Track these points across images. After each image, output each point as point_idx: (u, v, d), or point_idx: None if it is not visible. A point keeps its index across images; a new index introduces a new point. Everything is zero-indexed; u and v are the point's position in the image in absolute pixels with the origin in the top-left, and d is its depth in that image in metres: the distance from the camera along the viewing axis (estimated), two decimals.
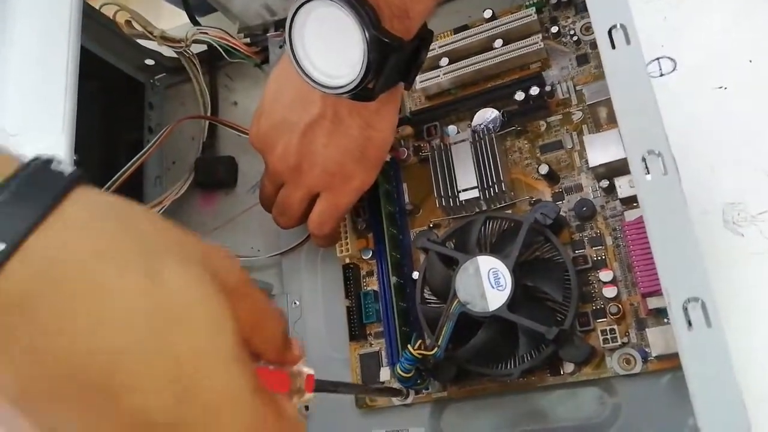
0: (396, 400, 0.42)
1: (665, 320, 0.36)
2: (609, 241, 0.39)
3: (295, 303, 0.49)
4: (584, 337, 0.38)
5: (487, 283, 0.36)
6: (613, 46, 0.23)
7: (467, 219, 0.41)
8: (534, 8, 0.45)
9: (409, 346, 0.36)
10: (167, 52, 0.60)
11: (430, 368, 0.38)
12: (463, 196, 0.41)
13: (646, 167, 0.21)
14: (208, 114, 0.59)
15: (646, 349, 0.36)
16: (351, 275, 0.46)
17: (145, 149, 0.52)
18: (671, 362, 0.36)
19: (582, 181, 0.41)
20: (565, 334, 0.35)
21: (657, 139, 0.22)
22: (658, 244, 0.21)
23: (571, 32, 0.44)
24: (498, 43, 0.45)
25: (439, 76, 0.46)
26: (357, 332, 0.44)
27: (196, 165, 0.57)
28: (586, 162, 0.41)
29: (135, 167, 0.52)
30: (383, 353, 0.44)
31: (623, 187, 0.38)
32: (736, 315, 0.33)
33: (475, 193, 0.41)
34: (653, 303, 0.35)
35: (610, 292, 0.37)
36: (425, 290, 0.41)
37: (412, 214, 0.45)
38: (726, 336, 0.19)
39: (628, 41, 0.23)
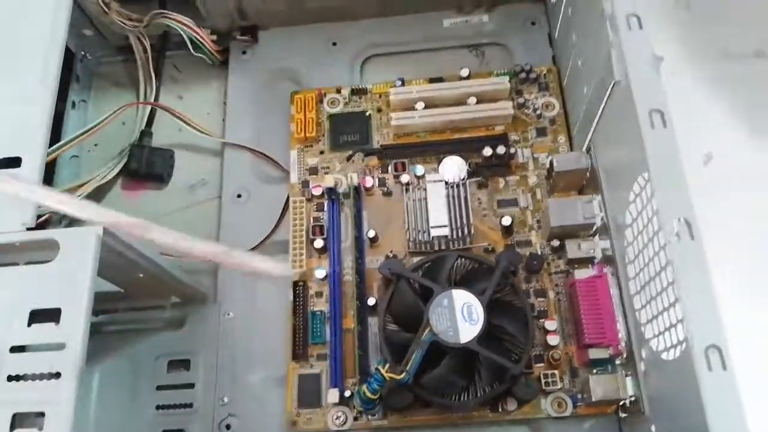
0: (333, 425, 0.42)
1: (594, 371, 0.41)
2: (551, 295, 0.44)
3: (227, 314, 0.47)
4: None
5: (461, 316, 0.38)
6: (653, 127, 0.28)
7: (434, 254, 0.43)
8: (508, 77, 0.50)
9: (380, 368, 0.37)
10: (116, 27, 0.56)
11: (384, 394, 0.38)
12: (433, 233, 0.44)
13: (677, 232, 0.26)
14: (152, 101, 0.55)
15: (578, 395, 0.41)
16: (300, 293, 0.45)
17: (88, 128, 0.48)
18: (596, 409, 0.41)
19: (532, 238, 0.46)
20: (522, 372, 0.38)
21: (686, 208, 0.26)
22: (687, 300, 0.25)
23: (534, 106, 0.50)
24: (472, 100, 0.49)
25: (414, 117, 0.49)
26: (300, 351, 0.44)
27: (131, 152, 0.53)
28: (537, 221, 0.46)
29: (68, 147, 0.48)
30: (324, 375, 0.43)
31: (572, 249, 0.43)
32: None
33: (445, 231, 0.44)
34: (594, 354, 0.40)
35: (553, 339, 0.42)
36: (386, 316, 0.42)
37: (372, 241, 0.47)
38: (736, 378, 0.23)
39: (664, 125, 0.28)
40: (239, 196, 0.52)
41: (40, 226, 0.34)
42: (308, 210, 0.48)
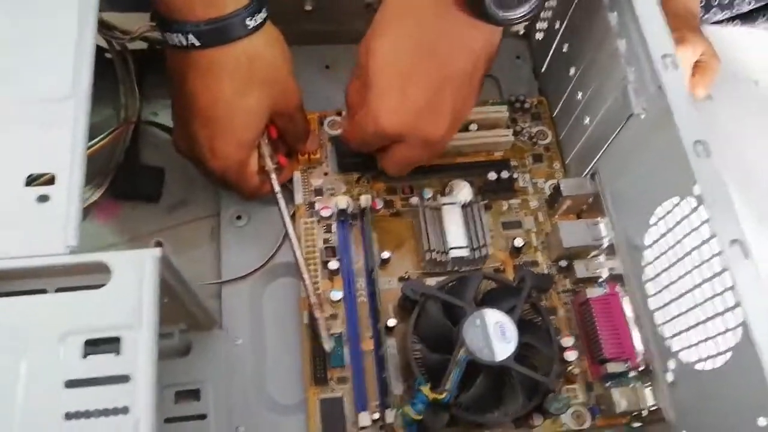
0: None
1: (607, 384, 0.43)
2: (561, 312, 0.46)
3: (236, 341, 0.45)
4: None
5: (495, 334, 0.39)
6: (698, 156, 0.31)
7: (456, 274, 0.44)
8: (506, 106, 0.52)
9: (422, 388, 0.37)
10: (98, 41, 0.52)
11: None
12: (452, 253, 0.45)
13: (733, 252, 0.29)
14: (134, 119, 0.52)
15: (597, 408, 0.43)
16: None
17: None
18: (613, 420, 0.43)
19: (538, 259, 0.48)
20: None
21: (738, 230, 0.29)
22: (751, 312, 0.28)
23: (530, 134, 0.53)
24: (473, 126, 0.51)
25: None
26: (321, 376, 0.43)
27: (118, 173, 0.50)
28: (542, 242, 0.48)
29: None
30: (347, 399, 0.43)
31: (580, 269, 0.46)
32: None
33: (464, 252, 0.45)
34: (612, 367, 0.42)
35: (571, 355, 0.44)
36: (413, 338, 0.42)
37: (384, 263, 0.47)
38: None
39: (707, 154, 0.31)
40: (239, 217, 0.50)
41: None
42: (318, 232, 0.48)
